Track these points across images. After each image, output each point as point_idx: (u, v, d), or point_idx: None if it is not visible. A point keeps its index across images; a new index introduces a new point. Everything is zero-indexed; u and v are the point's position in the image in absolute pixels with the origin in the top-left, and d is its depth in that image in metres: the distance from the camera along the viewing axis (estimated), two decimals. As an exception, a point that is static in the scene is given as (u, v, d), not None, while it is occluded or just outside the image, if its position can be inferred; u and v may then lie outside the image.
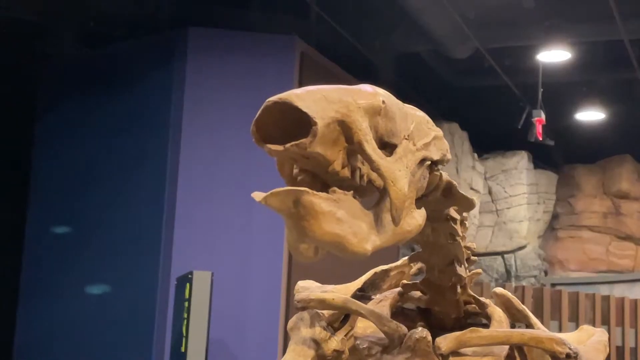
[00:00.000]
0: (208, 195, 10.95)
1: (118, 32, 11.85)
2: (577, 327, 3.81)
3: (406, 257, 2.03)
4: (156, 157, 11.26)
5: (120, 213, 11.30)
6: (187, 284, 9.58)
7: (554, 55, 12.62)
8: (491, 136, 15.98)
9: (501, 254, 15.56)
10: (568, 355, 1.72)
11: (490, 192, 16.51)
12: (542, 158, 16.76)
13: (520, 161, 16.30)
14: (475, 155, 16.41)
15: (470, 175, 16.01)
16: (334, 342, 1.79)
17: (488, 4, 11.57)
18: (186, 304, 9.58)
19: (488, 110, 14.25)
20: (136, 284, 11.13)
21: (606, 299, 6.92)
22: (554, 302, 7.46)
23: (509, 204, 16.23)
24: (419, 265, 1.94)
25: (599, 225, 16.77)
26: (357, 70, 11.25)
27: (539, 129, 13.04)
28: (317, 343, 1.79)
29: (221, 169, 11.03)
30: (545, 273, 16.08)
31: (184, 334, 9.51)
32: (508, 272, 15.44)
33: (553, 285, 13.52)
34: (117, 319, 11.00)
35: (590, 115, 15.45)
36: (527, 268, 15.68)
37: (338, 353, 1.79)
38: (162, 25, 11.61)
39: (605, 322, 5.89)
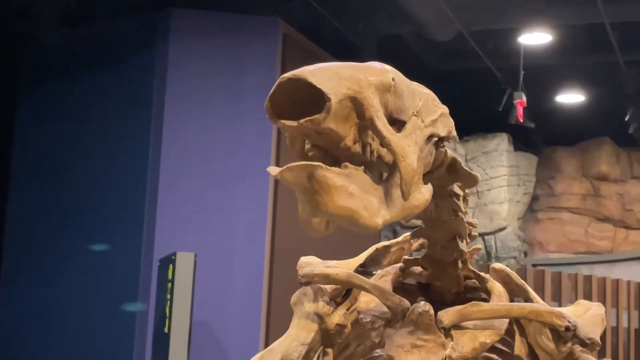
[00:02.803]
0: (191, 177, 10.98)
1: (100, 12, 11.82)
2: (560, 306, 3.55)
3: (407, 233, 2.04)
4: (139, 138, 11.33)
5: (102, 194, 11.35)
6: (170, 265, 9.62)
7: (535, 37, 12.75)
8: (472, 118, 15.92)
9: (481, 235, 15.67)
10: (567, 328, 1.75)
11: (471, 175, 16.64)
12: (522, 140, 16.92)
13: (500, 143, 16.45)
14: (456, 137, 16.53)
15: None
16: (337, 317, 1.79)
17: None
18: (169, 285, 9.59)
19: (469, 93, 14.29)
20: (119, 265, 11.17)
21: (588, 278, 7.01)
22: (537, 282, 7.55)
23: (489, 186, 16.36)
24: (421, 241, 1.96)
25: (578, 207, 16.93)
26: (339, 52, 11.30)
27: (519, 111, 13.18)
28: (320, 317, 1.78)
29: (204, 150, 11.06)
30: (525, 254, 16.29)
31: (167, 315, 9.51)
32: (488, 253, 15.61)
33: (534, 266, 13.68)
34: (99, 300, 11.06)
35: (571, 97, 15.60)
36: (507, 249, 15.89)
37: (341, 327, 1.79)
38: (145, 5, 11.59)
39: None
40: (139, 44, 11.55)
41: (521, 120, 13.44)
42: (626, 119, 14.63)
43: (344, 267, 1.91)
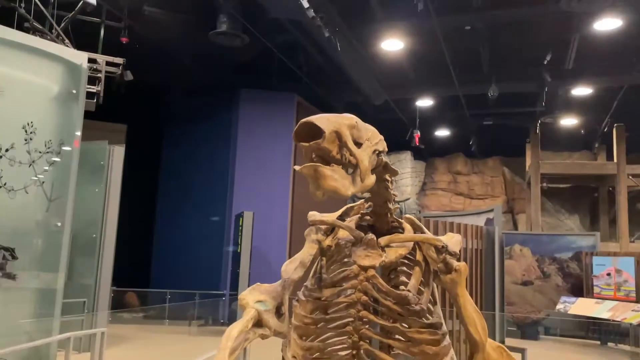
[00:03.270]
0: (251, 175, 11.47)
1: (198, 90, 12.05)
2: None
3: (362, 200, 1.84)
4: (224, 159, 11.82)
5: (207, 186, 11.95)
6: (241, 218, 10.13)
7: (426, 102, 13.29)
8: (391, 142, 16.68)
9: (398, 202, 16.48)
10: (442, 246, 1.59)
11: (391, 171, 17.33)
12: (418, 154, 17.17)
13: (407, 156, 17.09)
14: (386, 151, 17.38)
15: (380, 163, 16.89)
16: (328, 241, 1.63)
17: (392, 76, 12.10)
18: (240, 229, 10.14)
19: (391, 130, 14.27)
20: (217, 218, 11.82)
21: (451, 224, 6.86)
22: (426, 225, 8.06)
23: (401, 177, 17.04)
24: (370, 203, 1.77)
25: (446, 188, 17.60)
26: (328, 109, 12.00)
27: (417, 140, 13.71)
28: (319, 242, 1.62)
29: (257, 161, 11.51)
30: (419, 212, 16.55)
31: (239, 244, 10.09)
32: (401, 211, 16.27)
33: (425, 217, 14.36)
34: (206, 237, 11.77)
35: (441, 132, 16.08)
36: (410, 210, 16.28)
37: (329, 247, 1.62)
38: (225, 86, 11.78)
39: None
40: (223, 108, 12.03)
41: (417, 144, 13.90)
42: (470, 143, 15.62)
43: (331, 217, 1.76)
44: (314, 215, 1.75)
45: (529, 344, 8.33)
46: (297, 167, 1.29)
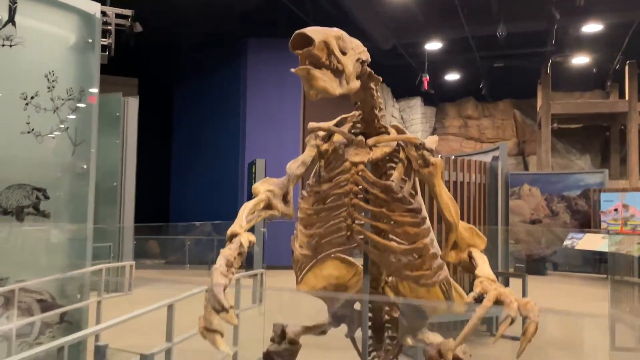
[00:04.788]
0: (262, 123, 11.59)
1: (207, 41, 12.04)
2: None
3: (355, 111, 1.82)
4: (235, 105, 11.90)
5: (220, 134, 12.19)
6: (253, 166, 10.16)
7: (435, 45, 13.16)
8: (402, 89, 16.28)
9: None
10: (421, 144, 1.63)
11: (402, 119, 17.43)
12: (428, 100, 17.09)
13: (417, 102, 17.16)
14: (394, 99, 17.28)
15: (391, 111, 16.94)
16: (325, 146, 1.66)
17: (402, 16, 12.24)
18: (253, 177, 10.12)
19: (400, 76, 14.10)
20: (231, 166, 12.07)
21: (462, 160, 6.52)
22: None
23: (411, 123, 17.01)
24: (360, 111, 1.74)
25: (457, 132, 17.67)
26: None
27: (425, 84, 13.70)
28: (317, 147, 1.65)
29: (267, 106, 11.62)
30: None
31: (253, 196, 10.67)
32: None
33: None
34: (220, 186, 12.12)
35: (451, 76, 16.01)
36: None
37: (327, 150, 1.66)
38: (235, 34, 11.85)
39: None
40: (232, 58, 12.09)
41: (426, 88, 13.86)
42: (481, 86, 15.56)
43: (328, 124, 1.77)
44: (313, 124, 1.80)
45: (535, 278, 8.64)
46: (293, 70, 1.38)
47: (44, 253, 3.42)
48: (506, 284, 5.77)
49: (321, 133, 1.65)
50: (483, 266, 1.32)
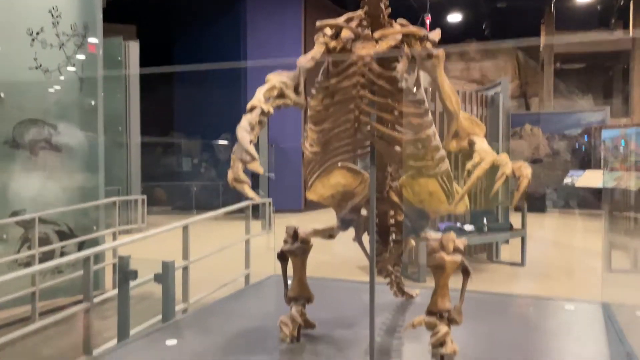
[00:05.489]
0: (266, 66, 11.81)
1: None
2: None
3: (362, 7, 1.66)
4: (235, 44, 11.91)
5: (221, 79, 11.86)
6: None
7: None
8: None
9: None
10: (424, 35, 1.54)
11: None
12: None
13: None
14: None
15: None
16: (333, 42, 1.49)
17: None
18: None
19: (402, 17, 14.20)
20: (230, 108, 12.12)
21: (464, 93, 7.15)
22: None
23: None
24: (366, 8, 1.58)
25: (459, 75, 17.23)
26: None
27: (427, 25, 13.84)
28: (325, 44, 1.55)
29: (268, 50, 11.31)
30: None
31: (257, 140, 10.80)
32: None
33: None
34: (223, 132, 11.98)
35: (453, 17, 15.59)
36: None
37: (334, 47, 1.50)
38: None
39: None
40: (231, 3, 11.88)
41: (428, 29, 14.05)
42: (483, 27, 15.30)
43: (336, 20, 1.61)
44: (321, 21, 1.67)
45: (535, 216, 8.84)
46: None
47: (58, 186, 3.53)
48: (506, 217, 5.93)
49: (329, 31, 1.58)
50: (482, 144, 1.40)
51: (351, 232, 1.88)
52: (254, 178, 11.25)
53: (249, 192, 1.19)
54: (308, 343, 1.62)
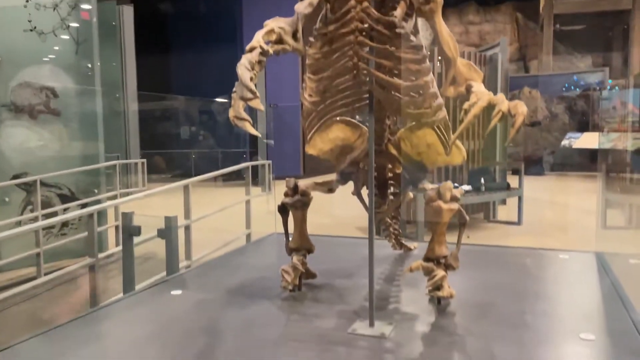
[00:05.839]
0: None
1: None
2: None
3: None
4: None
5: (218, 40, 12.07)
6: None
7: None
8: None
9: None
10: None
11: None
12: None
13: None
14: None
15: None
16: None
17: None
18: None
19: None
20: (227, 73, 12.16)
21: (462, 52, 6.56)
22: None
23: None
24: None
25: (458, 39, 17.21)
26: None
27: None
28: None
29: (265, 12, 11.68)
30: None
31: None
32: None
33: None
34: (217, 92, 12.23)
35: None
36: None
37: None
38: None
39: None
40: None
41: None
42: None
43: None
44: None
45: (532, 179, 8.91)
46: None
47: (59, 151, 3.54)
48: (504, 176, 5.97)
49: None
50: (479, 87, 1.40)
51: (350, 193, 1.90)
52: (253, 145, 11.28)
53: (251, 129, 1.20)
54: (309, 291, 1.67)
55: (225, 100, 11.60)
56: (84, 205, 3.65)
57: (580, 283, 1.76)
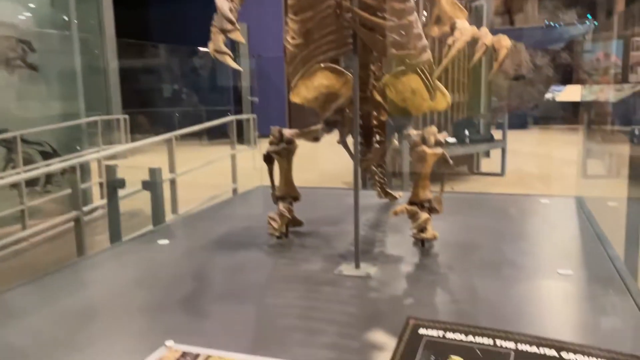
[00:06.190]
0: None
1: None
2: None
3: None
4: None
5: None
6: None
7: None
8: None
9: None
10: None
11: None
12: None
13: None
14: None
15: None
16: None
17: None
18: (236, 43, 10.44)
19: None
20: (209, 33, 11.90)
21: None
22: None
23: None
24: None
25: None
26: None
27: None
28: None
29: None
30: None
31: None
32: None
33: None
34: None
35: None
36: None
37: None
38: None
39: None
40: None
41: None
42: None
43: None
44: None
45: (515, 132, 8.97)
46: None
47: (39, 109, 3.47)
48: (488, 130, 6.02)
49: None
50: (463, 23, 1.39)
51: (336, 142, 1.90)
52: (238, 104, 11.16)
53: (232, 63, 1.18)
54: (296, 238, 1.69)
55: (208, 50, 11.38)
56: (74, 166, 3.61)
57: (560, 225, 1.81)
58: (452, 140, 5.00)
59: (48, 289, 1.29)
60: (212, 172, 3.82)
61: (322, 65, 1.68)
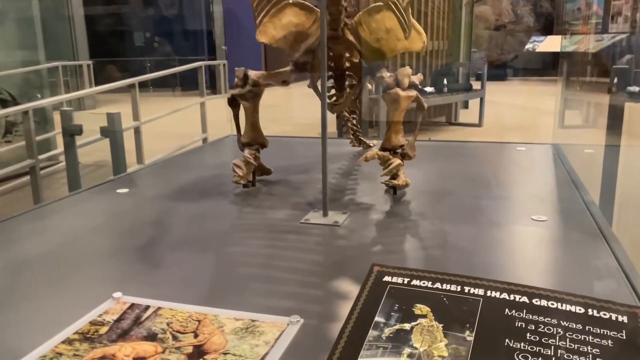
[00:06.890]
0: None
1: None
2: None
3: None
4: None
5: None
6: None
7: None
8: None
9: None
10: None
11: None
12: None
13: None
14: None
15: None
16: None
17: None
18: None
19: None
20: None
21: None
22: None
23: None
24: None
25: None
26: None
27: None
28: None
29: None
30: None
31: (211, 8, 10.21)
32: None
33: None
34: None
35: None
36: None
37: None
38: None
39: None
40: None
41: None
42: None
43: None
44: None
45: (494, 84, 8.93)
46: None
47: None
48: (467, 78, 5.94)
49: None
50: None
51: (313, 97, 1.80)
52: (212, 53, 10.87)
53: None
54: (264, 186, 1.62)
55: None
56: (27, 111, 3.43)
57: (536, 171, 1.77)
58: (430, 89, 4.92)
59: (2, 236, 1.21)
60: (182, 122, 3.70)
61: (290, 0, 1.60)
